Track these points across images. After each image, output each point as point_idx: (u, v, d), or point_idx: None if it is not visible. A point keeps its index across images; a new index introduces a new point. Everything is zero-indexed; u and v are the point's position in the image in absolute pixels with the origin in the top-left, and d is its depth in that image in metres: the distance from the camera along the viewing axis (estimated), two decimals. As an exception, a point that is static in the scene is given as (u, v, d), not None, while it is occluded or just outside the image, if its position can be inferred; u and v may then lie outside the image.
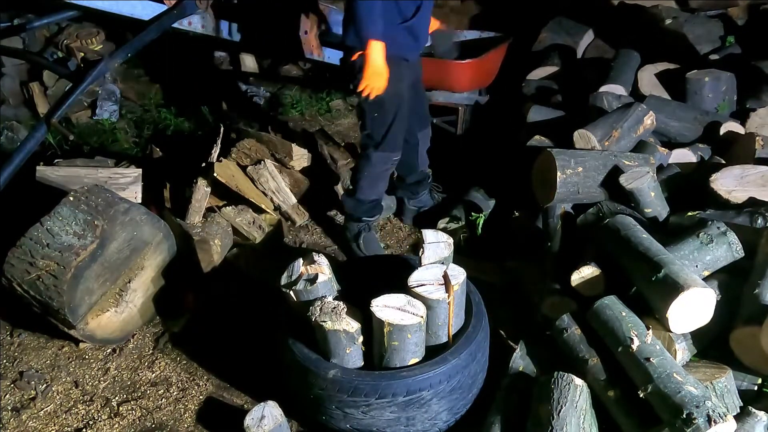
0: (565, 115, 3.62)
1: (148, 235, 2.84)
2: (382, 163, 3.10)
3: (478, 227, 3.32)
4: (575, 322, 2.39)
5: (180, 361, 2.81)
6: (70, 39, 4.99)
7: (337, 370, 2.21)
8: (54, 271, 2.55)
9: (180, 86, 5.16)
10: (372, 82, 2.76)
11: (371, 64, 2.71)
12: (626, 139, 3.17)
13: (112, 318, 2.83)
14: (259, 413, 2.21)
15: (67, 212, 2.65)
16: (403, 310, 2.14)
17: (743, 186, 2.72)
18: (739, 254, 2.38)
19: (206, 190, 3.17)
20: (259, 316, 2.91)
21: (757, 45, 4.08)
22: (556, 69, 4.39)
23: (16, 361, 2.84)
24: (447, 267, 2.27)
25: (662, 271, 2.20)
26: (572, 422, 2.04)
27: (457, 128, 4.27)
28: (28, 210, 2.73)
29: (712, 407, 1.89)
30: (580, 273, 2.48)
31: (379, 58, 2.71)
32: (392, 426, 2.23)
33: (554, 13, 4.96)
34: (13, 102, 4.82)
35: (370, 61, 2.71)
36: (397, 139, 3.05)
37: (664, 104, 3.51)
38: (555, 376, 2.16)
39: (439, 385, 2.19)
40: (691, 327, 2.21)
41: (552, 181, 2.82)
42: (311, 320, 2.17)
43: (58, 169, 3.23)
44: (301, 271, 2.34)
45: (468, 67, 4.01)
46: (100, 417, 2.57)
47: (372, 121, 2.98)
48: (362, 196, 3.19)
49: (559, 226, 2.87)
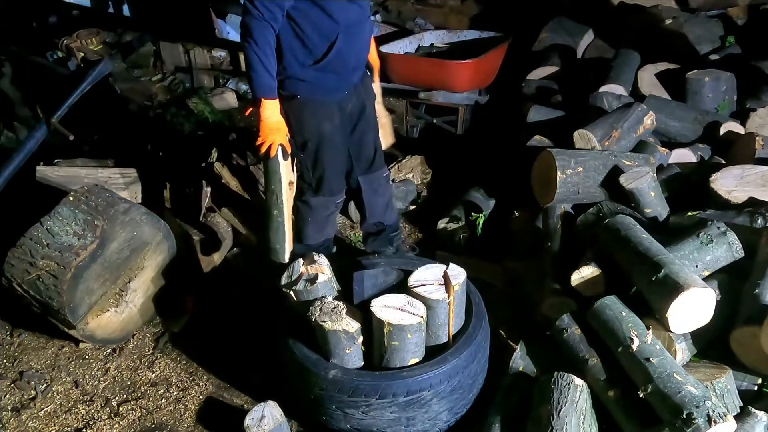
0: (565, 115, 3.62)
1: (148, 235, 2.84)
2: (324, 209, 2.82)
3: (478, 227, 3.32)
4: (575, 322, 2.39)
5: (180, 361, 2.81)
6: (70, 39, 4.98)
7: (337, 370, 2.21)
8: (54, 271, 2.55)
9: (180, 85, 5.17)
10: (269, 139, 2.49)
11: (264, 121, 2.46)
12: (626, 139, 3.17)
13: (112, 318, 2.83)
14: (259, 413, 2.21)
15: (67, 212, 2.65)
16: (403, 310, 2.14)
17: (743, 186, 2.72)
18: (739, 254, 2.38)
19: (206, 190, 3.18)
20: (259, 317, 2.91)
21: (757, 45, 4.09)
22: (556, 69, 4.39)
23: (16, 361, 2.84)
24: (447, 267, 2.27)
25: (662, 271, 2.20)
26: (572, 422, 2.04)
27: (457, 128, 4.28)
28: (28, 210, 2.73)
29: (712, 407, 1.89)
30: (580, 273, 2.48)
31: (273, 116, 2.47)
32: (392, 426, 2.22)
33: (554, 13, 4.96)
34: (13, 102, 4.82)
35: (262, 119, 2.46)
36: (333, 182, 2.76)
37: (664, 104, 3.51)
38: (555, 376, 2.16)
39: (440, 385, 2.19)
40: (691, 327, 2.21)
41: (552, 181, 2.82)
42: (311, 320, 2.17)
43: (58, 169, 3.24)
44: (302, 271, 2.34)
45: (468, 67, 4.02)
46: (100, 417, 2.57)
47: (303, 166, 2.73)
48: (311, 241, 2.87)
49: (559, 226, 2.87)
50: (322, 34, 2.48)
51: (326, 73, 2.55)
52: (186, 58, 5.27)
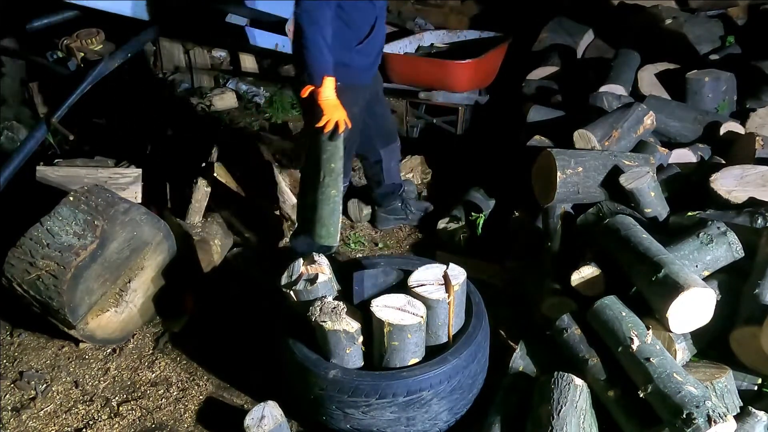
0: (565, 115, 3.62)
1: (148, 235, 2.84)
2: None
3: (478, 227, 3.32)
4: (575, 322, 2.39)
5: (180, 361, 2.81)
6: (70, 39, 4.98)
7: (337, 370, 2.21)
8: (54, 271, 2.55)
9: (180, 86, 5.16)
10: (333, 117, 2.58)
11: (327, 100, 2.57)
12: (626, 139, 3.17)
13: (112, 318, 2.83)
14: (259, 413, 2.21)
15: (67, 212, 2.65)
16: (403, 310, 2.14)
17: (743, 186, 2.72)
18: (739, 254, 2.38)
19: (206, 190, 3.18)
20: (259, 317, 2.91)
21: (757, 45, 4.08)
22: (556, 69, 4.39)
23: (16, 361, 2.84)
24: (447, 267, 2.27)
25: (662, 271, 2.20)
26: (572, 422, 2.04)
27: (457, 128, 4.27)
28: (28, 210, 2.73)
29: (712, 407, 1.89)
30: (580, 273, 2.49)
31: (332, 93, 2.58)
32: (393, 426, 2.22)
33: (554, 13, 4.96)
34: (13, 102, 4.82)
35: (325, 98, 2.56)
36: (347, 164, 2.89)
37: (664, 104, 3.51)
38: (555, 376, 2.16)
39: (440, 385, 2.19)
40: (691, 327, 2.21)
41: (552, 181, 2.82)
42: (311, 320, 2.17)
43: (58, 169, 3.23)
44: (302, 271, 2.34)
45: (468, 67, 4.02)
46: (100, 417, 2.57)
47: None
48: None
49: (559, 226, 2.87)
50: (365, 17, 2.70)
51: (363, 56, 2.76)
52: (186, 58, 5.27)
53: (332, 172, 2.61)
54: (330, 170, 2.61)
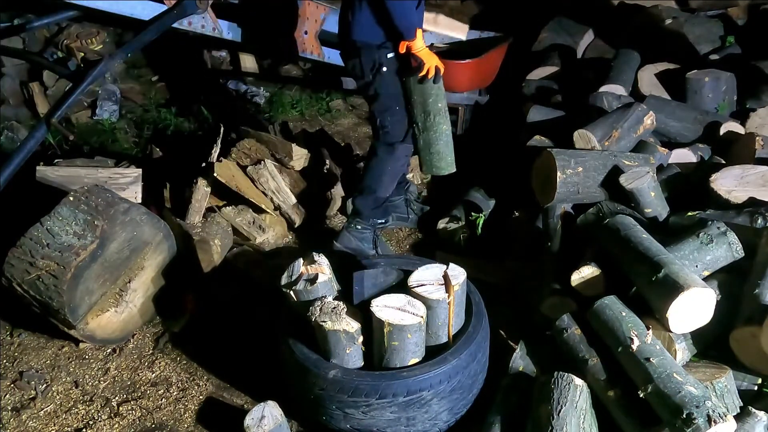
0: (565, 115, 3.62)
1: (148, 235, 2.84)
2: (404, 156, 3.18)
3: (478, 227, 3.32)
4: (575, 322, 2.39)
5: (180, 361, 2.81)
6: (70, 39, 4.99)
7: (337, 370, 2.21)
8: (54, 271, 2.55)
9: (180, 86, 5.16)
10: (431, 63, 2.85)
11: (424, 49, 2.85)
12: (626, 139, 3.17)
13: (112, 318, 2.83)
14: (259, 413, 2.21)
15: (67, 212, 2.65)
16: (403, 310, 2.14)
17: (743, 186, 2.72)
18: (739, 254, 2.38)
19: (206, 190, 3.18)
20: (259, 317, 2.91)
21: (757, 45, 4.09)
22: (556, 69, 4.39)
23: (16, 361, 2.84)
24: (447, 267, 2.27)
25: (662, 271, 2.20)
26: (572, 422, 2.04)
27: (457, 128, 4.27)
28: (28, 210, 2.73)
29: (712, 407, 1.89)
30: (580, 273, 2.49)
31: (423, 44, 2.86)
32: (393, 426, 2.23)
33: (554, 13, 4.96)
34: (13, 102, 4.82)
35: (418, 48, 2.82)
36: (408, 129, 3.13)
37: (664, 104, 3.51)
38: (555, 376, 2.16)
39: (440, 385, 2.19)
40: (691, 327, 2.21)
41: (552, 181, 2.82)
42: (311, 320, 2.17)
43: (58, 169, 3.24)
44: (302, 271, 2.34)
45: (468, 67, 4.02)
46: (100, 417, 2.57)
47: (392, 115, 3.02)
48: (383, 192, 3.19)
49: (559, 226, 2.87)
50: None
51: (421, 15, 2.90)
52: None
53: (440, 111, 2.97)
54: (438, 110, 2.96)
